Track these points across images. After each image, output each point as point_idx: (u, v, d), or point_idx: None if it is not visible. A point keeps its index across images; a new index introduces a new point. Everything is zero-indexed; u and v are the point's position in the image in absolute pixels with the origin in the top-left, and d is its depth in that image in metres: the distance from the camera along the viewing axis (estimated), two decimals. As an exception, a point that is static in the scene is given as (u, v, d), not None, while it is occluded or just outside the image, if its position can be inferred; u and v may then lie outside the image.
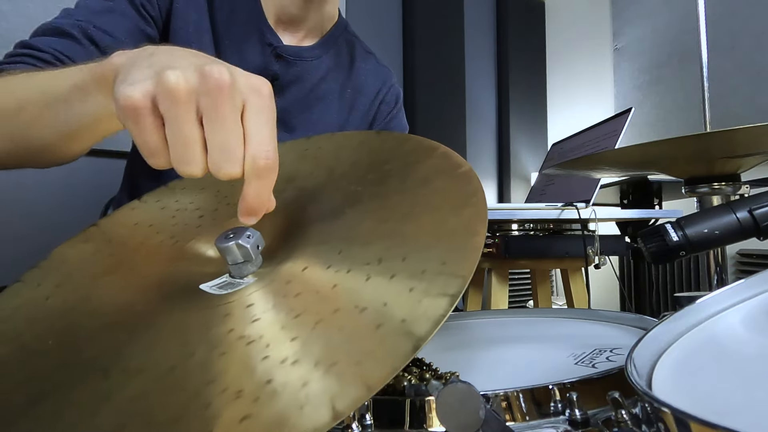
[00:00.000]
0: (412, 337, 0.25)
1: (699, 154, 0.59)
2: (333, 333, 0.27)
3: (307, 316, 0.29)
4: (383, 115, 0.86)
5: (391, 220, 0.35)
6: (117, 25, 0.64)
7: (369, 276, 0.30)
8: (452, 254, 0.30)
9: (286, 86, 0.77)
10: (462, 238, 0.31)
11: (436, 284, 0.28)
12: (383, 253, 0.32)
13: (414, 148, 0.44)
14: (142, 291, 0.37)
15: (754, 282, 0.37)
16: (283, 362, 0.26)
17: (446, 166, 0.39)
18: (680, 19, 2.32)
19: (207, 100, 0.30)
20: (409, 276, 0.29)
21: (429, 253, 0.30)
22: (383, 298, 0.28)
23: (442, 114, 2.66)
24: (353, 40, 0.87)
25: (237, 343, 0.28)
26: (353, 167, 0.44)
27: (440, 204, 0.35)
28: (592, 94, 2.89)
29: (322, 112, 0.80)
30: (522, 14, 3.08)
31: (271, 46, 0.75)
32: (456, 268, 0.28)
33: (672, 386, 0.27)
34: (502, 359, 0.46)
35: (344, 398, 0.23)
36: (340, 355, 0.26)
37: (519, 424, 0.31)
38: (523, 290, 2.72)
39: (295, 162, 0.47)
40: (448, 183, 0.37)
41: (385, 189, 0.39)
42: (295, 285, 0.32)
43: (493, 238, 1.18)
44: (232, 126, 0.31)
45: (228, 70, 0.31)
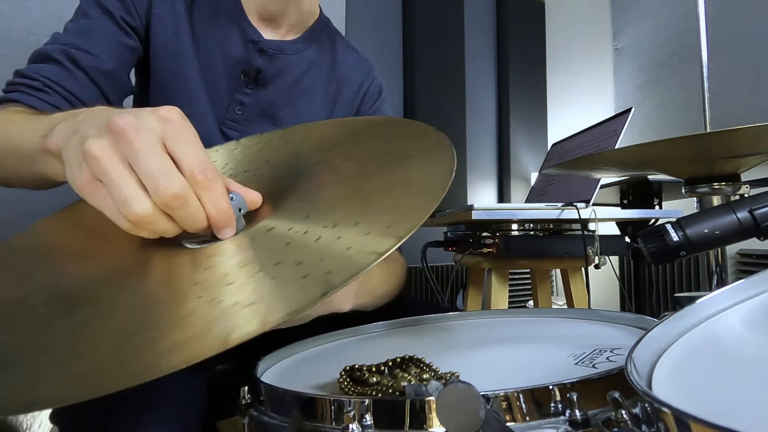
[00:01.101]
0: (327, 285, 0.29)
1: (699, 154, 0.59)
2: (266, 280, 0.31)
3: (252, 265, 0.34)
4: (367, 107, 0.89)
5: (361, 190, 0.39)
6: (97, 45, 0.67)
7: (320, 237, 0.34)
8: (400, 219, 0.33)
9: (269, 80, 0.79)
10: (413, 207, 0.34)
11: (373, 243, 0.31)
12: (341, 218, 0.36)
13: (401, 130, 0.49)
14: (129, 243, 0.41)
15: (754, 282, 0.37)
16: (211, 301, 0.31)
17: (425, 144, 0.44)
18: (680, 19, 2.32)
19: (121, 146, 0.34)
20: (353, 236, 0.33)
21: (380, 217, 0.34)
22: (321, 255, 0.32)
23: (442, 114, 2.66)
24: (335, 35, 0.89)
25: (187, 284, 0.34)
26: (336, 145, 0.49)
27: (408, 176, 0.39)
28: (592, 94, 2.89)
29: (307, 105, 0.82)
30: (522, 14, 3.08)
31: (253, 42, 0.77)
32: (396, 230, 0.31)
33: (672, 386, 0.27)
34: (502, 359, 0.46)
35: (238, 331, 0.27)
36: (260, 297, 0.30)
37: (519, 424, 0.31)
38: (523, 290, 2.72)
39: (285, 144, 0.53)
40: (423, 160, 0.42)
41: (363, 163, 0.44)
42: (257, 241, 0.37)
43: (493, 238, 1.18)
44: (153, 154, 0.34)
45: (132, 114, 0.35)
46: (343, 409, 0.32)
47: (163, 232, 0.36)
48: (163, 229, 0.36)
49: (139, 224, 0.34)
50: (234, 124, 0.77)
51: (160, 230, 0.36)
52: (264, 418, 0.38)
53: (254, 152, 0.54)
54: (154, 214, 0.34)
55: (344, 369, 0.39)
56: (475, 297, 1.51)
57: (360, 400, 0.32)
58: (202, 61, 0.75)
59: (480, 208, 1.08)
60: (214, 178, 0.36)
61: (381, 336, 0.61)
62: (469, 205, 1.09)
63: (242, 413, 0.40)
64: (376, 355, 0.41)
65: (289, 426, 0.36)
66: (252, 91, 0.78)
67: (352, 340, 0.60)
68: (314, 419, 0.34)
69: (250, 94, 0.78)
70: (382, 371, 0.39)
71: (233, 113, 0.77)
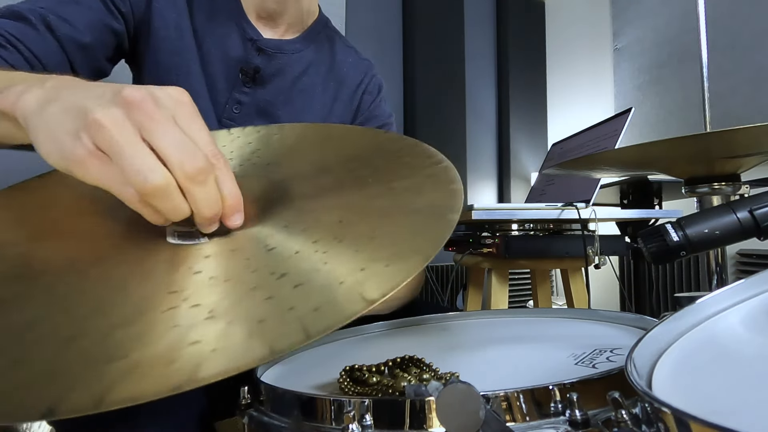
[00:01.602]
0: (311, 328, 0.26)
1: (699, 154, 0.58)
2: (247, 306, 0.29)
3: (235, 283, 0.32)
4: (366, 105, 0.88)
5: (364, 212, 0.38)
6: (79, 16, 0.64)
7: (313, 260, 0.33)
8: (397, 259, 0.31)
9: (268, 79, 0.79)
10: (411, 251, 0.32)
11: (366, 284, 0.29)
12: (337, 241, 0.34)
13: (403, 147, 0.47)
14: (110, 231, 0.39)
15: (754, 282, 0.37)
16: (175, 327, 0.28)
17: (438, 177, 0.41)
18: (680, 19, 2.32)
19: (138, 117, 0.32)
20: (348, 269, 0.31)
21: (378, 252, 0.32)
22: (311, 284, 0.30)
23: (442, 114, 2.66)
24: (334, 35, 0.89)
25: (164, 290, 0.32)
26: (342, 156, 0.47)
27: (411, 214, 0.37)
28: (592, 94, 2.89)
29: (306, 105, 0.82)
30: (522, 14, 3.08)
31: (252, 41, 0.77)
32: (392, 275, 0.29)
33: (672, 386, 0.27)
34: (502, 359, 0.46)
35: (209, 368, 0.25)
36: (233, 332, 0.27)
37: (519, 424, 0.31)
38: (523, 290, 2.72)
39: (293, 144, 0.51)
40: (432, 194, 0.39)
41: (366, 179, 0.42)
42: (247, 251, 0.35)
43: (493, 238, 1.18)
44: (174, 129, 0.33)
45: (144, 88, 0.33)
46: (343, 409, 0.32)
47: (171, 211, 0.34)
48: (173, 207, 0.33)
49: (151, 197, 0.32)
50: (231, 122, 0.76)
51: (169, 208, 0.33)
52: (264, 418, 0.38)
53: (255, 146, 0.52)
54: (170, 187, 0.32)
55: (344, 369, 0.39)
56: (475, 297, 1.51)
57: (360, 400, 0.32)
58: (202, 57, 0.75)
59: (480, 208, 1.08)
60: (225, 164, 0.35)
61: (381, 336, 0.61)
62: (469, 205, 1.09)
63: (242, 413, 0.39)
64: (376, 355, 0.41)
65: (289, 426, 0.36)
66: (250, 90, 0.77)
67: (352, 340, 0.60)
68: (314, 419, 0.34)
69: (248, 93, 0.77)
70: (382, 371, 0.39)
71: (231, 112, 0.77)
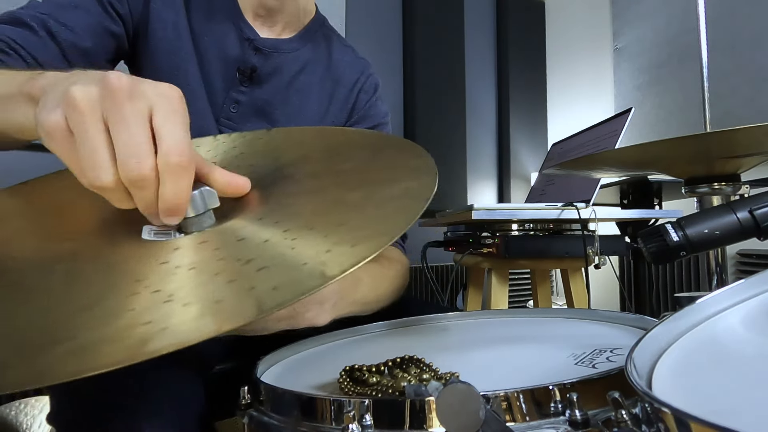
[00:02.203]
0: (265, 303, 0.27)
1: (699, 154, 0.59)
2: (207, 286, 0.30)
3: (201, 269, 0.32)
4: (362, 104, 0.88)
5: (339, 204, 0.38)
6: (79, 21, 0.65)
7: (280, 245, 0.33)
8: (361, 242, 0.32)
9: (265, 78, 0.79)
10: (378, 233, 0.32)
11: (329, 263, 0.30)
12: (307, 229, 0.34)
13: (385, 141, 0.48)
14: (85, 230, 0.40)
15: (754, 282, 0.37)
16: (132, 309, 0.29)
17: (418, 169, 0.41)
18: (680, 19, 2.32)
19: (107, 104, 0.32)
20: (314, 252, 0.31)
21: (343, 237, 0.32)
22: (275, 265, 0.30)
23: (442, 114, 2.66)
24: (330, 34, 0.89)
25: (127, 279, 0.32)
26: (326, 154, 0.48)
27: (385, 201, 0.37)
28: (592, 94, 2.89)
29: (302, 104, 0.82)
30: (522, 14, 3.08)
31: (249, 40, 0.77)
32: (352, 256, 0.30)
33: (672, 386, 0.27)
34: (502, 359, 0.46)
35: (153, 344, 0.25)
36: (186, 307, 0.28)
37: (519, 424, 0.31)
38: (523, 290, 2.72)
39: (278, 146, 0.51)
40: (408, 182, 0.39)
41: (346, 173, 0.43)
42: (220, 240, 0.36)
43: (493, 238, 1.18)
44: (135, 125, 0.32)
45: (129, 78, 0.33)
46: (343, 409, 0.32)
47: (117, 203, 0.35)
48: (118, 200, 0.35)
49: (98, 190, 0.33)
50: (229, 122, 0.76)
51: (115, 200, 0.35)
52: (264, 418, 0.38)
53: (240, 150, 0.52)
54: (115, 187, 0.33)
55: (344, 369, 0.39)
56: (475, 297, 1.51)
57: (360, 400, 0.32)
58: (199, 57, 0.75)
59: (480, 208, 1.08)
60: (187, 167, 0.34)
61: (381, 336, 0.61)
62: (469, 205, 1.09)
63: (242, 413, 0.40)
64: (376, 355, 0.41)
65: (289, 426, 0.36)
66: (247, 90, 0.77)
67: (352, 340, 0.60)
68: (314, 419, 0.34)
69: (245, 93, 0.77)
70: (382, 371, 0.39)
71: (228, 111, 0.77)
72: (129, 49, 0.73)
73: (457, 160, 2.71)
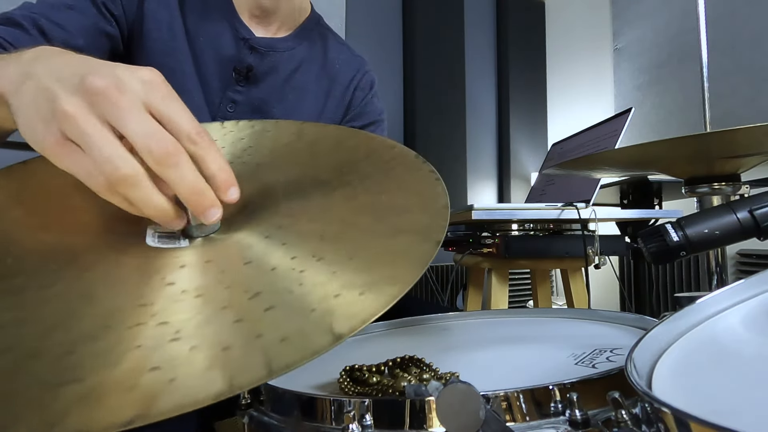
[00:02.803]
0: (274, 363, 0.25)
1: (699, 154, 0.58)
2: (221, 326, 0.28)
3: (207, 300, 0.30)
4: (358, 101, 0.88)
5: (343, 230, 0.36)
6: (72, 21, 0.65)
7: (290, 278, 0.31)
8: (373, 289, 0.30)
9: (261, 77, 0.79)
10: (387, 280, 0.31)
11: (337, 315, 0.28)
12: (316, 259, 0.32)
13: (396, 156, 0.44)
14: (87, 225, 0.38)
15: (754, 282, 0.37)
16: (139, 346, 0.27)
17: (426, 194, 0.39)
18: (680, 19, 2.32)
19: (102, 106, 0.31)
20: (322, 293, 0.30)
21: (356, 276, 0.31)
22: (283, 308, 0.28)
23: (442, 114, 2.66)
24: (326, 32, 0.89)
25: (134, 303, 0.30)
26: (333, 159, 0.46)
27: (394, 235, 0.35)
28: (592, 94, 2.89)
29: (299, 101, 0.82)
30: (522, 14, 3.08)
31: (245, 40, 0.77)
32: (366, 304, 0.28)
33: (672, 386, 0.27)
34: (502, 359, 0.46)
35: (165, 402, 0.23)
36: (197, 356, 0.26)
37: (519, 424, 0.31)
38: (523, 290, 2.72)
39: (286, 144, 0.49)
40: (418, 215, 0.37)
41: (355, 189, 0.41)
42: (226, 261, 0.34)
43: (493, 238, 1.18)
44: (140, 115, 0.32)
45: (110, 73, 0.32)
46: (343, 409, 0.32)
47: (141, 201, 0.33)
48: (143, 197, 0.32)
49: (122, 184, 0.31)
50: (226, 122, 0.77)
51: (143, 197, 0.32)
52: (264, 418, 0.38)
53: (247, 143, 0.50)
54: (140, 176, 0.32)
55: (344, 369, 0.39)
56: (475, 297, 1.51)
57: (360, 400, 0.32)
58: (195, 57, 0.75)
59: (480, 208, 1.08)
60: (210, 140, 0.34)
61: (381, 336, 0.61)
62: (469, 205, 1.09)
63: (242, 413, 0.39)
64: (376, 355, 0.41)
65: (289, 426, 0.36)
66: (243, 89, 0.77)
67: (352, 340, 0.60)
68: (314, 419, 0.34)
69: (242, 92, 0.77)
70: (382, 371, 0.39)
71: (225, 111, 0.77)
72: (123, 50, 0.73)
73: (457, 160, 2.71)
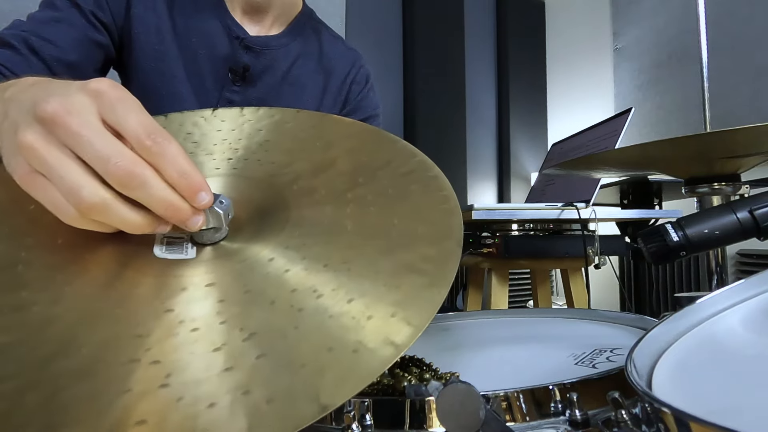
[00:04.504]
0: (321, 403, 0.24)
1: (699, 154, 0.58)
2: (210, 373, 0.26)
3: (198, 336, 0.28)
4: (354, 95, 0.88)
5: (346, 263, 0.34)
6: (63, 35, 0.64)
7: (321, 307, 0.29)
8: (407, 305, 0.29)
9: (257, 76, 0.78)
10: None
11: (378, 345, 0.27)
12: (345, 281, 0.31)
13: (415, 169, 0.42)
14: (94, 232, 0.35)
15: (754, 282, 0.37)
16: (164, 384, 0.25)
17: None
18: (680, 19, 2.32)
19: (57, 133, 0.30)
20: (359, 321, 0.28)
21: (385, 295, 0.30)
22: (319, 349, 0.27)
23: (442, 114, 2.66)
24: (319, 26, 0.89)
25: (131, 333, 0.29)
26: (351, 165, 0.43)
27: (414, 235, 0.34)
28: (592, 94, 2.89)
29: (296, 98, 0.82)
30: (522, 14, 3.08)
31: (239, 39, 0.77)
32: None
33: (672, 386, 0.27)
34: (502, 359, 0.46)
35: None
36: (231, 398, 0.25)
37: (519, 424, 0.31)
38: (523, 290, 2.72)
39: (303, 139, 0.46)
40: (432, 213, 0.36)
41: (369, 206, 0.38)
42: (218, 289, 0.32)
43: (493, 238, 1.18)
44: (94, 135, 0.30)
45: (59, 94, 0.31)
46: (343, 409, 0.32)
47: (123, 223, 0.31)
48: (120, 219, 0.31)
49: (91, 213, 0.30)
50: None
51: (118, 220, 0.31)
52: (264, 418, 0.38)
53: (265, 136, 0.47)
54: (108, 200, 0.30)
55: (344, 369, 0.38)
56: (475, 297, 1.51)
57: (360, 400, 0.32)
58: (186, 59, 0.74)
59: (480, 208, 1.08)
60: (165, 141, 0.31)
61: (381, 336, 0.61)
62: (469, 205, 1.09)
63: (242, 413, 0.39)
64: (376, 355, 0.41)
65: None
66: (240, 89, 0.77)
67: (352, 340, 0.59)
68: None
69: (239, 92, 0.77)
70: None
71: None
72: (116, 57, 0.73)
73: (457, 160, 2.71)
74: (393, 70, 2.64)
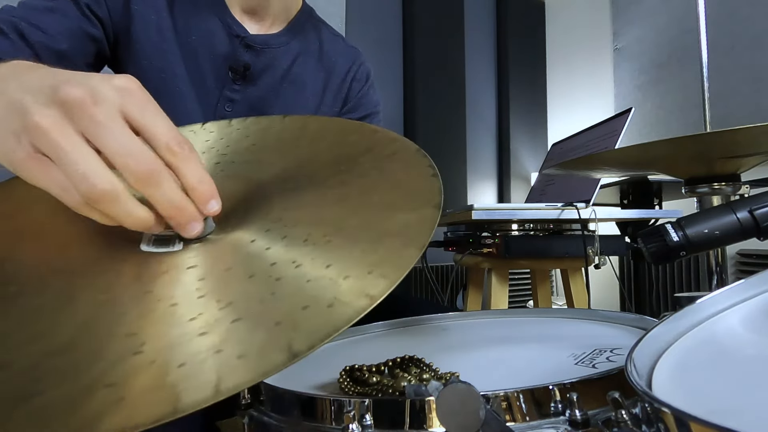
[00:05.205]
0: (294, 347, 0.25)
1: (699, 154, 0.59)
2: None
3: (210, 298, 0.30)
4: (355, 92, 0.88)
5: (327, 234, 0.35)
6: (54, 24, 0.64)
7: (298, 273, 0.30)
8: (384, 263, 0.30)
9: (258, 75, 0.78)
10: (399, 247, 0.30)
11: (354, 290, 0.28)
12: (324, 250, 0.32)
13: (397, 151, 0.43)
14: (81, 231, 0.37)
15: (754, 282, 0.37)
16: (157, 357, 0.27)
17: (416, 171, 0.39)
18: (680, 19, 2.32)
19: (79, 119, 0.30)
20: (333, 279, 0.29)
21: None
22: (297, 299, 0.28)
23: (443, 114, 2.66)
24: (319, 24, 0.89)
25: (109, 314, 0.30)
26: (331, 154, 0.45)
27: (393, 206, 0.35)
28: (592, 94, 2.89)
29: (297, 97, 0.82)
30: (522, 14, 3.08)
31: (239, 37, 0.77)
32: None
33: (672, 386, 0.27)
34: (502, 359, 0.46)
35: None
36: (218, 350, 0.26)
37: (519, 424, 0.31)
38: (523, 290, 2.72)
39: (288, 139, 0.48)
40: (413, 184, 0.37)
41: (349, 188, 0.40)
42: (228, 259, 0.33)
43: (493, 238, 1.18)
44: (118, 129, 0.30)
45: (84, 83, 0.31)
46: (343, 409, 0.32)
47: (124, 217, 0.31)
48: (125, 212, 0.31)
49: (99, 201, 0.30)
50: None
51: (124, 213, 0.31)
52: (264, 418, 0.38)
53: (252, 140, 0.49)
54: (118, 192, 0.30)
55: (344, 369, 0.39)
56: (475, 297, 1.51)
57: (360, 400, 0.32)
58: (187, 57, 0.74)
59: (480, 208, 1.09)
60: (191, 149, 0.33)
61: (381, 336, 0.61)
62: (469, 205, 1.09)
63: (242, 413, 0.39)
64: (376, 355, 0.41)
65: (289, 426, 0.36)
66: (240, 88, 0.77)
67: (352, 340, 0.60)
68: (314, 419, 0.34)
69: (239, 91, 0.77)
70: (382, 371, 0.39)
71: (223, 110, 0.76)
72: (111, 54, 0.72)
73: (457, 160, 2.71)
74: (393, 69, 2.64)
